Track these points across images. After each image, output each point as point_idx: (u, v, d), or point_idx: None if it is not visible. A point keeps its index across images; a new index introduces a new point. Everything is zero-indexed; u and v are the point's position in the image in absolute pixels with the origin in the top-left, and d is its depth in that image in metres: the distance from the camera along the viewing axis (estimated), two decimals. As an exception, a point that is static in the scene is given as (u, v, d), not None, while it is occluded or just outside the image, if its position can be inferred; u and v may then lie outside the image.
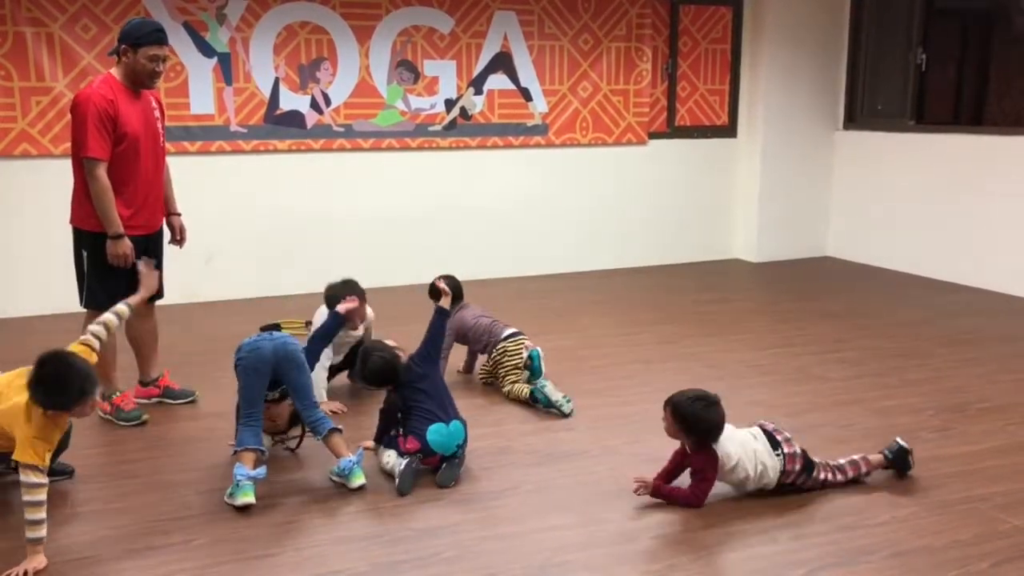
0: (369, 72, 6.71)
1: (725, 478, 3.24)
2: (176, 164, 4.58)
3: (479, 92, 7.03)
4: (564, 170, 7.41)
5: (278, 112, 6.52)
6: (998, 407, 4.24)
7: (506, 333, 4.45)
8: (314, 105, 6.60)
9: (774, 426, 3.36)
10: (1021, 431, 3.95)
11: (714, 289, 7.01)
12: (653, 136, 7.67)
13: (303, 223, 6.67)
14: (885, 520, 3.11)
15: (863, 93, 7.82)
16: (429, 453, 3.42)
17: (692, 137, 7.83)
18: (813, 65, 7.79)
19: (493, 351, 4.44)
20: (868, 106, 7.79)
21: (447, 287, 3.95)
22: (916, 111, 7.35)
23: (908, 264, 7.34)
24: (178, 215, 4.36)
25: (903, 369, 4.83)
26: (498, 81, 7.07)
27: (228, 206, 6.45)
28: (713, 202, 7.99)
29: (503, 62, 7.07)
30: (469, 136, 7.07)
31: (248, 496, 3.18)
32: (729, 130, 7.96)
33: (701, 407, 3.15)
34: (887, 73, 7.60)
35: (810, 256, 8.11)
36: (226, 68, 6.34)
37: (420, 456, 3.41)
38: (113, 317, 3.38)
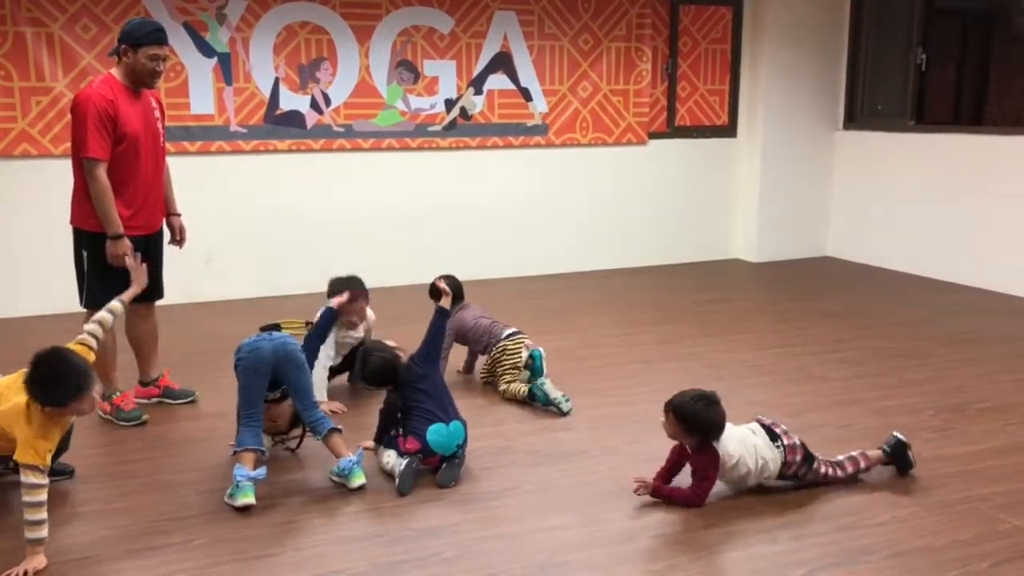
0: (369, 72, 6.71)
1: (726, 476, 3.25)
2: (176, 164, 4.59)
3: (479, 92, 7.03)
4: (564, 170, 7.41)
5: (278, 112, 6.52)
6: (998, 407, 4.24)
7: (506, 333, 4.45)
8: (314, 105, 6.60)
9: (771, 420, 3.37)
10: (1021, 431, 3.95)
11: (714, 289, 7.01)
12: (653, 136, 7.67)
13: (303, 223, 6.67)
14: (885, 520, 3.11)
15: (863, 93, 7.82)
16: (429, 453, 3.42)
17: (692, 137, 7.83)
18: (813, 65, 7.79)
19: (493, 350, 4.44)
20: (868, 106, 7.79)
21: (447, 287, 3.96)
22: (916, 111, 7.35)
23: (908, 264, 7.34)
24: (178, 215, 4.36)
25: (903, 369, 4.83)
26: (498, 81, 7.07)
27: (228, 206, 6.45)
28: (713, 202, 7.99)
29: (503, 62, 7.07)
30: (469, 136, 7.07)
31: (248, 497, 3.18)
32: (729, 130, 7.96)
33: (702, 407, 3.16)
34: (887, 73, 7.59)
35: (810, 256, 8.10)
36: (226, 68, 6.34)
37: (420, 456, 3.41)
38: (108, 315, 3.40)
